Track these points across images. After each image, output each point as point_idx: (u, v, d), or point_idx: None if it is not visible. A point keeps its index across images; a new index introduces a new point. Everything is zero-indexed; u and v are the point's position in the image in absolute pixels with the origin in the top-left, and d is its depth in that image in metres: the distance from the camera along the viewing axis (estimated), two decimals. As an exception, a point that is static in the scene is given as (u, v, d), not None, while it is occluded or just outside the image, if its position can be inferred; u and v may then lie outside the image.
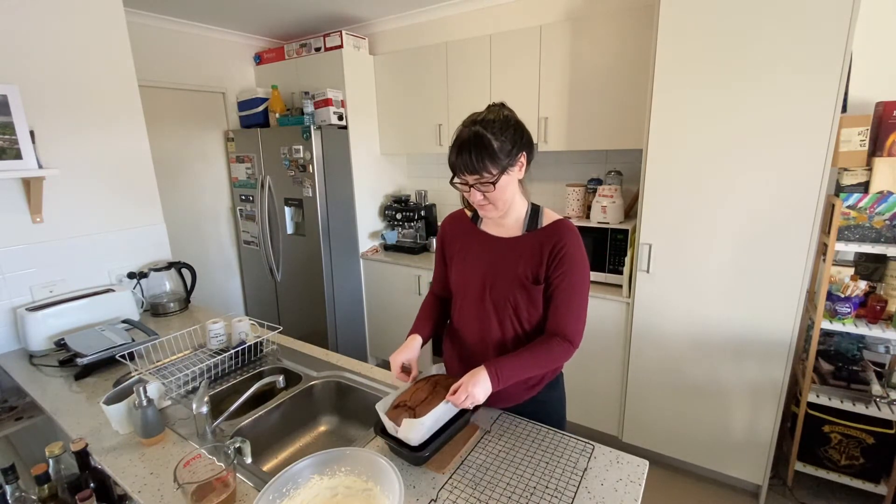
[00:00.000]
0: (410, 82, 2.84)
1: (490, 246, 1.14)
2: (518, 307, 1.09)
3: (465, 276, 1.16)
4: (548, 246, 1.06)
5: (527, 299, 1.09)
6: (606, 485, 0.96)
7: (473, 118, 1.03)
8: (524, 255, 1.08)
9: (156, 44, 2.75)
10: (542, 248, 1.07)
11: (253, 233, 3.18)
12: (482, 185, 1.01)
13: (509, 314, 1.10)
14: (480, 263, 1.14)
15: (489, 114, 1.03)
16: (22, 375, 1.51)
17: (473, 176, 1.00)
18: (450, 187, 1.09)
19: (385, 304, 3.04)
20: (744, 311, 1.82)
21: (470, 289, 1.15)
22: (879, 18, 1.75)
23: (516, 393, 1.18)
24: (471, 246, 1.17)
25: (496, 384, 0.99)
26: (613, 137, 2.24)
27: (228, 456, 0.95)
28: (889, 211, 1.62)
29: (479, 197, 1.03)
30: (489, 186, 1.01)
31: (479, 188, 1.02)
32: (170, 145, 2.91)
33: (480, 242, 1.16)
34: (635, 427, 2.19)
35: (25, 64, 1.68)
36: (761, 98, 1.64)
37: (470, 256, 1.16)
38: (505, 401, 1.18)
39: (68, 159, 1.81)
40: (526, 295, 1.08)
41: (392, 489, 0.83)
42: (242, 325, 1.57)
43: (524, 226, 1.11)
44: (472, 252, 1.16)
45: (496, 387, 0.99)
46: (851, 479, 1.84)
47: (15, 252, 1.70)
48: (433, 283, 1.34)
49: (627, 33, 2.09)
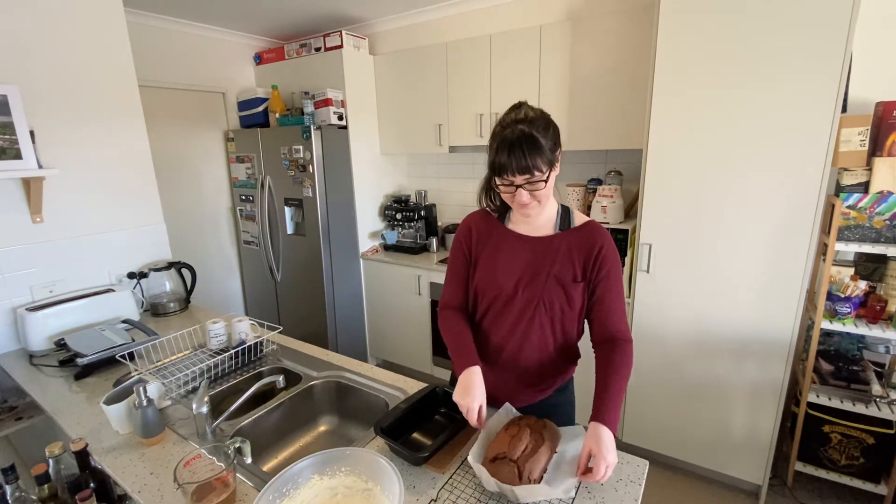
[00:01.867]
0: (410, 82, 2.84)
1: (524, 245, 1.11)
2: (553, 305, 1.09)
3: (497, 276, 1.12)
4: (586, 248, 1.07)
5: (563, 297, 1.08)
6: (606, 485, 0.96)
7: (514, 118, 0.98)
8: (560, 255, 1.08)
9: (156, 44, 2.76)
10: (580, 249, 1.07)
11: (253, 233, 3.18)
12: (531, 185, 0.98)
13: (542, 312, 1.09)
14: (515, 263, 1.10)
15: (529, 111, 0.99)
16: (22, 375, 1.51)
17: (524, 176, 0.96)
18: (450, 187, 1.08)
19: (385, 304, 3.04)
20: (744, 311, 1.82)
21: (503, 289, 1.11)
22: (879, 18, 1.75)
23: (526, 395, 1.18)
24: (500, 245, 1.13)
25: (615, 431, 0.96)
26: (613, 137, 2.24)
27: (228, 456, 0.95)
28: (889, 211, 1.62)
29: (525, 197, 0.99)
30: (539, 185, 0.98)
31: (526, 188, 0.98)
32: (170, 145, 2.91)
33: (512, 242, 1.12)
34: (635, 427, 2.19)
35: (25, 64, 1.68)
36: (761, 98, 1.64)
37: (501, 256, 1.12)
38: (515, 403, 1.17)
39: (68, 159, 1.81)
40: (562, 293, 1.08)
41: (392, 489, 0.83)
42: (242, 325, 1.57)
43: (556, 225, 1.10)
44: (503, 251, 1.12)
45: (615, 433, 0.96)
46: (851, 479, 1.84)
47: (15, 252, 1.70)
48: (449, 293, 1.21)
49: (627, 33, 2.09)
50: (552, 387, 1.19)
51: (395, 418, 1.09)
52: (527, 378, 1.16)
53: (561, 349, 1.15)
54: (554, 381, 1.18)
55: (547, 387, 1.18)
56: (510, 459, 0.92)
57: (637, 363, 2.10)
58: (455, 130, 2.73)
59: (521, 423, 1.02)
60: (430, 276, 2.73)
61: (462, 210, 3.16)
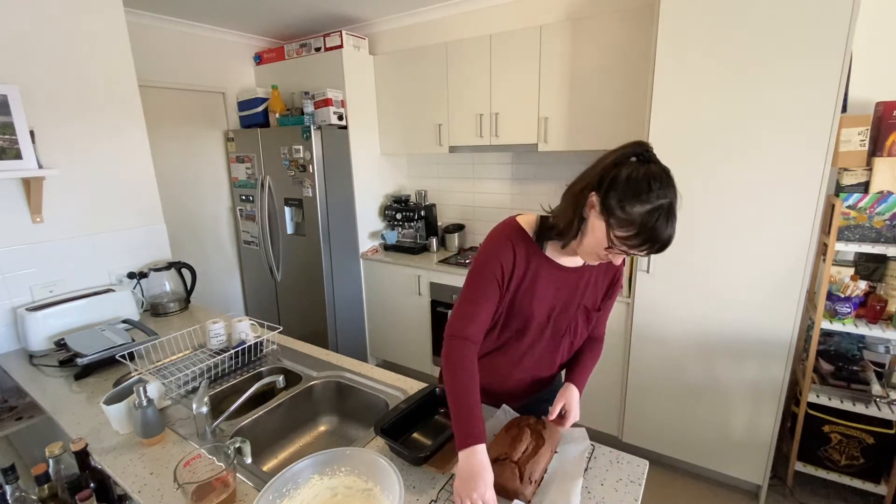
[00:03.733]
0: (410, 82, 2.84)
1: (561, 276, 1.03)
2: (576, 331, 1.12)
3: (533, 307, 1.03)
4: (607, 277, 1.11)
5: (585, 322, 1.12)
6: (606, 485, 0.96)
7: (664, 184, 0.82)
8: (588, 286, 1.08)
9: (156, 44, 2.75)
10: (604, 277, 1.10)
11: (253, 233, 3.18)
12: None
13: (568, 338, 1.12)
14: (550, 294, 1.03)
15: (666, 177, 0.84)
16: (22, 375, 1.51)
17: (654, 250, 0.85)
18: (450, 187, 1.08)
19: (385, 304, 3.04)
20: (744, 311, 1.82)
21: (535, 320, 1.04)
22: (879, 18, 1.75)
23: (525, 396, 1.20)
24: (539, 273, 1.01)
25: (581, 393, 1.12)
26: (613, 137, 2.24)
27: (228, 456, 0.95)
28: (889, 211, 1.62)
29: (620, 259, 0.94)
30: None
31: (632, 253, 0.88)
32: (170, 145, 2.90)
33: (551, 272, 1.02)
34: (635, 427, 2.19)
35: (25, 64, 1.68)
36: (761, 98, 1.64)
37: (540, 286, 1.01)
38: (512, 400, 1.19)
39: (68, 159, 1.81)
40: (585, 319, 1.12)
41: (392, 489, 0.83)
42: (242, 325, 1.57)
43: None
44: (542, 281, 1.01)
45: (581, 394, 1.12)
46: (851, 479, 1.84)
47: (15, 252, 1.70)
48: (467, 320, 0.98)
49: (627, 33, 2.09)
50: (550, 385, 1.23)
51: (395, 418, 1.09)
52: (533, 386, 1.19)
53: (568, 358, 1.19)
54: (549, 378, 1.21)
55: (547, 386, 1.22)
56: (511, 460, 0.91)
57: (637, 363, 2.11)
58: (455, 130, 2.73)
59: (521, 424, 1.02)
60: (431, 276, 2.73)
61: (462, 210, 3.17)
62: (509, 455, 0.92)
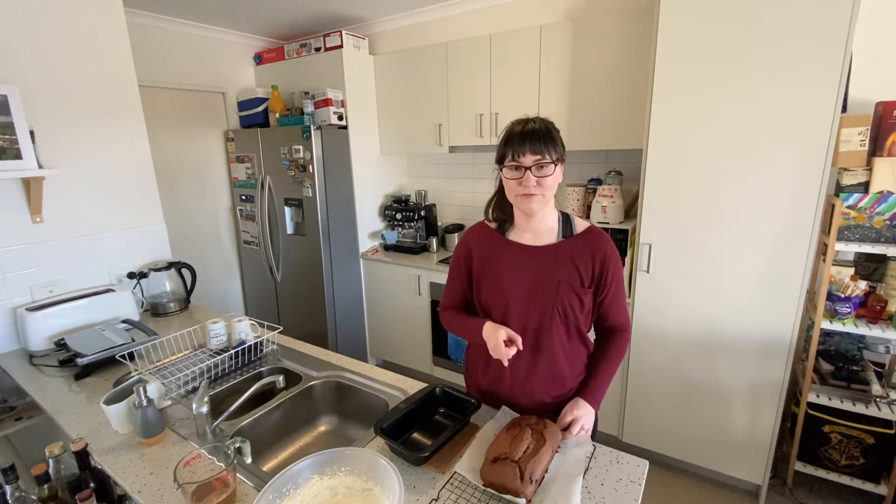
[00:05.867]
0: (410, 82, 2.84)
1: (528, 255, 1.11)
2: (566, 312, 1.10)
3: (505, 289, 1.12)
4: (591, 255, 1.09)
5: (577, 303, 1.10)
6: (606, 485, 0.96)
7: (526, 119, 1.06)
8: (566, 262, 1.09)
9: (156, 44, 2.75)
10: (584, 256, 1.09)
11: (253, 233, 3.18)
12: (540, 169, 1.01)
13: (558, 321, 1.10)
14: (521, 274, 1.11)
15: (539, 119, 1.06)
16: (22, 375, 1.51)
17: (535, 157, 1.00)
18: (450, 187, 1.10)
19: (385, 304, 3.04)
20: (744, 311, 1.82)
21: (512, 301, 1.11)
22: (879, 18, 1.75)
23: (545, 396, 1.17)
24: (503, 258, 1.13)
25: (597, 408, 1.12)
26: (613, 137, 2.24)
27: (228, 456, 0.95)
28: (889, 211, 1.62)
29: (532, 182, 1.01)
30: (549, 168, 1.01)
31: (535, 172, 1.01)
32: (170, 145, 2.91)
33: (515, 253, 1.12)
34: (635, 427, 2.19)
35: (25, 64, 1.68)
36: (761, 98, 1.64)
37: (505, 268, 1.12)
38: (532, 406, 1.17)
39: (68, 159, 1.81)
40: (576, 298, 1.09)
41: (392, 489, 0.83)
42: (242, 325, 1.57)
43: (559, 233, 1.11)
44: (507, 263, 1.12)
45: (597, 410, 1.12)
46: (851, 479, 1.84)
47: (15, 252, 1.70)
48: (448, 297, 1.27)
49: (627, 33, 2.09)
50: (570, 388, 1.18)
51: (395, 418, 1.09)
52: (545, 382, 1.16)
53: (576, 349, 1.16)
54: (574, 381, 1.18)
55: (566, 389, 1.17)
56: (511, 460, 0.91)
57: (637, 363, 2.11)
58: (455, 130, 2.73)
59: (521, 424, 1.02)
60: (430, 276, 2.73)
61: (462, 210, 3.17)
62: (510, 455, 0.92)
